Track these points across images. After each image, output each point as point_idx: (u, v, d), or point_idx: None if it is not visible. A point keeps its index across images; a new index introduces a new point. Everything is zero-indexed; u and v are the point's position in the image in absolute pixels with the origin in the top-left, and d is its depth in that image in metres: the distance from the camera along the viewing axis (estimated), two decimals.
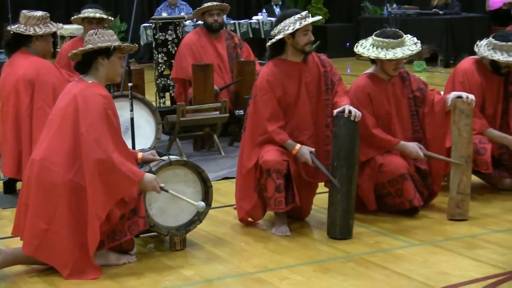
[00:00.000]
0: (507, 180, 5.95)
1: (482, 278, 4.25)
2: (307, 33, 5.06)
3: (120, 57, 4.64)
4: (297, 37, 5.04)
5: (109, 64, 4.58)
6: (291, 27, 4.99)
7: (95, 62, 4.56)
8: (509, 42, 5.67)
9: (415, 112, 5.52)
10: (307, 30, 5.05)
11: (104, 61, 4.56)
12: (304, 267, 4.51)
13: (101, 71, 4.58)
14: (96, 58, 4.55)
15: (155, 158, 4.78)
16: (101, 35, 4.56)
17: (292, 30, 4.98)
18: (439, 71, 13.61)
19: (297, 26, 4.97)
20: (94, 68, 4.57)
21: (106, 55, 4.55)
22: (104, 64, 4.56)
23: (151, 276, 4.42)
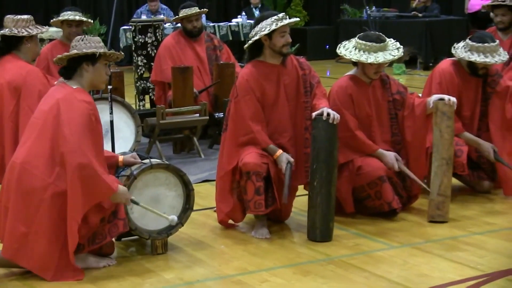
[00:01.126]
0: (485, 182, 5.99)
1: (462, 280, 4.27)
2: (284, 35, 5.07)
3: (105, 64, 4.63)
4: (274, 39, 5.05)
5: (94, 70, 4.57)
6: (268, 28, 5.00)
7: (79, 68, 4.55)
8: (486, 43, 5.71)
9: (395, 115, 5.55)
10: (284, 31, 5.06)
11: (89, 67, 4.55)
12: (284, 270, 4.52)
13: (86, 77, 4.57)
14: (81, 64, 4.54)
15: (136, 161, 4.77)
16: (87, 41, 4.56)
17: (268, 31, 4.99)
18: (419, 74, 13.67)
19: (273, 27, 4.98)
20: (79, 74, 4.56)
21: (91, 62, 4.55)
22: (88, 71, 4.55)
23: (132, 279, 4.42)
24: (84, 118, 4.39)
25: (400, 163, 5.38)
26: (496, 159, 5.76)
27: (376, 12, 15.13)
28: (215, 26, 14.14)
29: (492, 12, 7.23)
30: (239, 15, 15.01)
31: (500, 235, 5.07)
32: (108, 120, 5.83)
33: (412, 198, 5.61)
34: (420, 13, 15.15)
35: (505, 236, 5.05)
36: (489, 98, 5.92)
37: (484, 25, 11.69)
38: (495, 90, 5.89)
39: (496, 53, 5.72)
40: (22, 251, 4.37)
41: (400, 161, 5.39)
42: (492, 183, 6.00)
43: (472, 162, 5.87)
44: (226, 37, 14.03)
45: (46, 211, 4.35)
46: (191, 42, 8.19)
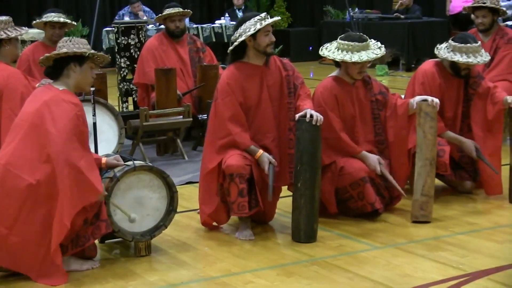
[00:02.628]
0: (468, 182, 6.02)
1: (444, 280, 4.29)
2: (268, 34, 5.07)
3: (91, 67, 4.62)
4: (258, 39, 5.06)
5: (81, 72, 4.56)
6: (252, 28, 5.00)
7: (67, 68, 4.54)
8: (468, 43, 5.74)
9: (377, 115, 5.58)
10: (268, 31, 5.06)
11: (76, 68, 4.54)
12: (268, 271, 4.53)
13: (72, 78, 4.55)
14: (68, 64, 4.53)
15: (119, 163, 4.76)
16: (75, 42, 4.55)
17: (253, 31, 4.99)
18: (401, 75, 13.73)
19: (258, 27, 4.98)
20: (65, 74, 4.55)
21: (79, 62, 4.53)
22: (76, 71, 4.54)
23: (115, 282, 4.40)
24: (71, 119, 4.38)
25: (382, 167, 5.40)
26: (478, 157, 5.79)
27: (359, 14, 15.18)
28: (198, 27, 14.15)
29: (473, 13, 7.29)
30: (222, 17, 15.02)
31: (482, 234, 5.10)
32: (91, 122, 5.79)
33: (395, 199, 5.63)
34: (402, 15, 15.21)
35: (486, 236, 5.08)
36: (471, 99, 5.96)
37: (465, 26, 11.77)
38: (476, 91, 5.92)
39: (478, 53, 5.76)
40: (4, 253, 4.35)
41: (382, 165, 5.42)
42: (474, 183, 6.03)
43: (454, 163, 5.90)
44: (209, 39, 14.04)
45: (30, 212, 4.33)
46: (174, 44, 8.19)
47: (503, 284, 4.22)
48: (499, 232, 5.15)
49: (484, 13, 7.14)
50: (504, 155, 5.96)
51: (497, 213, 5.58)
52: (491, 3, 7.13)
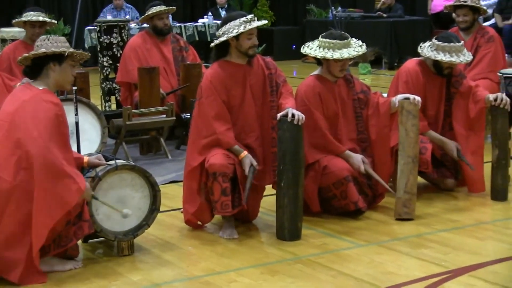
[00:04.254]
0: (449, 180, 6.05)
1: (426, 277, 4.31)
2: (251, 37, 5.07)
3: (71, 65, 4.58)
4: (241, 40, 5.05)
5: (61, 70, 4.53)
6: (235, 30, 4.99)
7: (46, 67, 4.50)
8: (451, 43, 5.77)
9: (360, 114, 5.59)
10: (252, 34, 5.06)
11: (56, 67, 4.51)
12: (252, 270, 4.53)
13: (52, 77, 4.52)
14: (47, 63, 4.49)
15: (101, 162, 4.74)
16: (53, 41, 4.52)
17: (236, 33, 4.99)
18: (384, 74, 13.76)
19: (241, 30, 4.98)
20: (45, 74, 4.51)
21: (58, 61, 4.50)
22: (55, 70, 4.51)
23: (98, 282, 4.39)
24: (51, 119, 4.35)
25: (366, 166, 5.42)
26: (459, 158, 5.82)
27: (341, 13, 15.20)
28: (181, 26, 14.11)
29: (454, 12, 7.32)
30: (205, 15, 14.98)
31: (463, 232, 5.12)
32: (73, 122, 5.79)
33: (378, 197, 5.65)
34: (385, 14, 15.26)
35: (468, 233, 5.10)
36: (453, 98, 5.98)
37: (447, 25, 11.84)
38: (458, 90, 5.95)
39: (461, 53, 5.79)
40: None
41: (366, 163, 5.43)
42: (456, 180, 6.06)
43: (437, 160, 5.92)
44: (193, 38, 14.01)
45: (12, 213, 4.30)
46: (157, 43, 8.18)
47: (485, 280, 4.24)
48: (481, 229, 5.18)
49: (465, 11, 7.17)
50: (486, 153, 5.99)
51: (479, 210, 5.61)
52: (472, 1, 7.17)
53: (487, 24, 11.97)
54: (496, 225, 5.28)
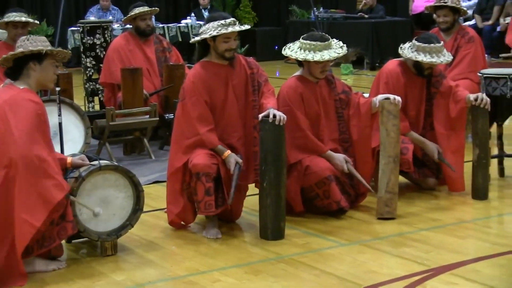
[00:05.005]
0: (430, 179, 6.07)
1: (408, 276, 4.32)
2: (228, 41, 5.04)
3: (53, 63, 4.55)
4: (217, 42, 5.05)
5: (41, 69, 4.50)
6: (211, 31, 4.99)
7: (26, 67, 4.48)
8: (432, 44, 5.79)
9: (341, 114, 5.60)
10: (228, 38, 5.04)
11: (36, 67, 4.48)
12: (235, 269, 4.52)
13: (33, 76, 4.50)
14: (27, 63, 4.47)
15: (85, 163, 4.72)
16: (33, 40, 4.50)
17: (209, 35, 4.99)
18: (365, 74, 13.80)
19: (214, 33, 4.97)
20: (25, 74, 4.49)
21: (38, 60, 4.48)
22: (36, 70, 4.49)
23: (81, 282, 4.37)
24: (32, 118, 4.33)
25: (349, 165, 5.43)
26: (440, 160, 5.84)
27: (323, 13, 15.23)
28: (164, 27, 14.10)
29: (435, 13, 7.35)
30: (188, 16, 14.98)
31: (445, 230, 5.14)
32: (56, 122, 5.76)
33: (360, 196, 5.66)
34: (366, 15, 15.31)
35: (449, 231, 5.12)
36: (433, 98, 6.00)
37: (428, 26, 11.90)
38: (439, 90, 5.97)
39: (441, 53, 5.82)
40: None
41: (349, 162, 5.44)
42: (437, 180, 6.08)
43: (418, 160, 5.94)
44: (176, 38, 14.00)
45: None
46: (140, 44, 8.16)
47: (466, 279, 4.26)
48: (462, 228, 5.20)
49: (446, 12, 7.20)
50: (467, 152, 6.01)
51: (460, 209, 5.63)
52: (452, 2, 7.20)
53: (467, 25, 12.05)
54: (477, 224, 5.30)
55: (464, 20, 13.92)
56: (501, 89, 6.15)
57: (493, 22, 14.95)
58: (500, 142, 6.42)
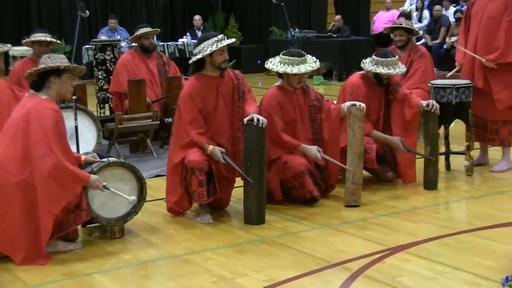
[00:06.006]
0: (389, 173, 6.08)
1: (370, 254, 4.33)
2: (223, 53, 5.06)
3: (70, 77, 4.54)
4: (214, 56, 5.04)
5: (60, 82, 4.49)
6: (209, 48, 4.98)
7: (47, 81, 4.47)
8: (388, 58, 5.80)
9: (315, 118, 5.59)
10: (223, 50, 5.05)
11: (56, 80, 4.47)
12: (224, 249, 4.51)
13: (53, 88, 4.48)
14: (48, 77, 4.46)
15: (96, 160, 4.70)
16: (53, 58, 4.49)
17: (209, 51, 4.98)
18: (334, 84, 13.82)
19: (214, 48, 4.97)
20: (47, 86, 4.48)
21: (57, 75, 4.47)
22: (55, 83, 4.47)
23: (95, 261, 4.35)
24: (52, 123, 4.32)
25: (321, 153, 5.42)
26: (405, 149, 5.82)
27: (299, 33, 15.22)
28: (164, 45, 14.06)
29: (392, 33, 7.36)
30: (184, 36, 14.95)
31: (401, 216, 5.15)
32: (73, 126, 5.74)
33: (330, 188, 5.66)
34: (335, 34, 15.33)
35: (404, 217, 5.13)
36: (391, 104, 6.01)
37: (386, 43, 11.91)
38: (395, 97, 5.97)
39: (396, 65, 5.83)
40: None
41: (321, 152, 5.43)
42: (394, 173, 6.09)
43: (378, 157, 5.94)
44: (174, 54, 13.97)
45: (19, 204, 4.26)
46: (144, 59, 8.12)
47: (418, 256, 4.27)
48: (415, 214, 5.21)
49: (401, 32, 7.21)
50: (419, 150, 6.02)
51: (413, 198, 5.64)
52: (406, 24, 7.22)
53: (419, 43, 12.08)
54: (427, 210, 5.31)
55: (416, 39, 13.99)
56: (447, 97, 6.17)
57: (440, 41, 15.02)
58: (447, 141, 6.45)
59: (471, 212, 5.22)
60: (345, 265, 4.16)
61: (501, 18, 6.14)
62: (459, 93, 6.14)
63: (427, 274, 3.98)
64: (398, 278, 3.93)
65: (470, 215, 5.15)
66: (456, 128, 7.39)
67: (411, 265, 4.12)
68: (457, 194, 5.78)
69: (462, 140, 6.63)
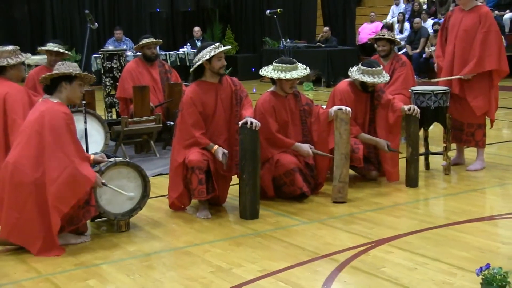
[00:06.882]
0: (373, 172, 6.08)
1: (356, 246, 4.33)
2: (221, 59, 5.06)
3: (80, 84, 4.54)
4: (213, 62, 5.04)
5: (71, 88, 4.49)
6: (208, 55, 4.98)
7: (59, 85, 4.47)
8: (373, 67, 5.81)
9: (305, 121, 5.59)
10: (220, 57, 5.05)
11: (67, 85, 4.47)
12: (222, 242, 4.50)
13: (64, 93, 4.48)
14: (60, 82, 4.46)
15: (104, 159, 4.70)
16: (66, 65, 4.50)
17: (208, 56, 4.98)
18: (322, 90, 13.82)
19: (212, 53, 4.97)
20: (58, 90, 4.48)
21: (68, 81, 4.46)
22: (66, 88, 4.47)
23: (102, 252, 4.34)
24: (63, 125, 4.33)
25: (313, 149, 5.42)
26: (390, 150, 5.83)
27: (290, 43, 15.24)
28: (166, 54, 14.05)
29: (375, 43, 7.36)
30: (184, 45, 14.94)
31: (384, 211, 5.15)
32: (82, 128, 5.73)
33: (319, 185, 5.65)
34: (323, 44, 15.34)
35: (387, 212, 5.13)
36: (376, 108, 6.01)
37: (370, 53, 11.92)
38: (380, 102, 5.98)
39: (381, 75, 5.83)
40: (15, 232, 4.29)
41: (313, 148, 5.43)
42: (378, 172, 6.09)
43: (364, 157, 5.94)
44: (175, 63, 13.96)
45: (34, 200, 4.26)
46: (148, 67, 8.11)
47: (400, 248, 4.27)
48: (397, 209, 5.21)
49: (384, 43, 7.22)
50: (402, 150, 6.03)
51: (395, 194, 5.64)
52: (388, 35, 7.23)
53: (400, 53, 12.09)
54: (408, 206, 5.31)
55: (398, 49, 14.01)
56: (426, 102, 6.18)
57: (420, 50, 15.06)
58: (426, 143, 6.46)
59: (448, 208, 5.23)
60: (332, 256, 4.15)
61: (476, 30, 6.16)
62: (437, 99, 6.15)
63: (408, 264, 3.98)
64: (381, 268, 3.93)
65: (448, 211, 5.15)
66: (434, 130, 7.40)
67: (393, 256, 4.12)
68: (436, 191, 5.78)
69: (440, 142, 6.65)
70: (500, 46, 6.17)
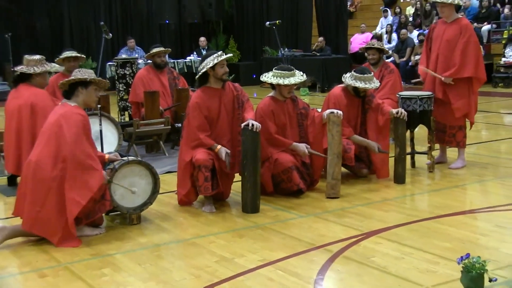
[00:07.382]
0: (364, 170, 6.07)
1: (348, 238, 4.33)
2: (223, 66, 5.07)
3: (95, 89, 4.54)
4: (216, 69, 5.04)
5: (87, 93, 4.50)
6: (211, 62, 4.99)
7: (76, 90, 4.48)
8: (365, 74, 5.81)
9: (301, 124, 5.59)
10: (223, 64, 5.06)
11: (83, 90, 4.48)
12: (225, 234, 4.51)
13: (80, 97, 4.49)
14: (77, 87, 4.47)
15: (117, 158, 4.71)
16: (83, 72, 4.51)
17: (212, 64, 4.99)
18: (317, 95, 13.81)
19: (215, 61, 4.98)
20: (75, 95, 4.49)
21: (84, 86, 4.47)
22: (82, 93, 4.48)
23: (116, 243, 4.35)
24: (80, 126, 4.34)
25: (309, 149, 5.42)
26: (380, 151, 5.83)
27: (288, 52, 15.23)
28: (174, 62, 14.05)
29: (366, 52, 7.36)
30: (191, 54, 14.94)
31: (374, 206, 5.15)
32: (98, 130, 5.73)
33: (314, 182, 5.65)
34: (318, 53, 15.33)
35: (377, 206, 5.13)
36: (367, 112, 6.00)
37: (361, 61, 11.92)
38: (370, 106, 5.97)
39: (372, 81, 5.83)
40: (37, 224, 4.30)
41: (309, 148, 5.43)
42: (369, 170, 6.09)
43: (355, 156, 5.94)
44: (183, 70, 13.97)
45: (54, 195, 4.27)
46: (158, 74, 8.12)
47: (388, 239, 4.27)
48: (386, 204, 5.21)
49: (374, 52, 7.22)
50: (390, 150, 6.02)
51: (384, 190, 5.64)
52: (378, 45, 7.23)
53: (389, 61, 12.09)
54: (396, 201, 5.31)
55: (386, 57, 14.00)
56: (413, 106, 6.18)
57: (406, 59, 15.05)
58: (412, 143, 6.45)
59: (432, 203, 5.23)
60: (326, 247, 4.15)
61: (457, 40, 6.17)
62: (422, 103, 6.15)
63: (396, 254, 3.98)
64: (371, 258, 3.93)
65: (432, 205, 5.15)
66: (420, 132, 7.40)
67: (382, 247, 4.13)
68: (421, 187, 5.78)
69: (425, 142, 6.64)
70: (478, 55, 6.19)
